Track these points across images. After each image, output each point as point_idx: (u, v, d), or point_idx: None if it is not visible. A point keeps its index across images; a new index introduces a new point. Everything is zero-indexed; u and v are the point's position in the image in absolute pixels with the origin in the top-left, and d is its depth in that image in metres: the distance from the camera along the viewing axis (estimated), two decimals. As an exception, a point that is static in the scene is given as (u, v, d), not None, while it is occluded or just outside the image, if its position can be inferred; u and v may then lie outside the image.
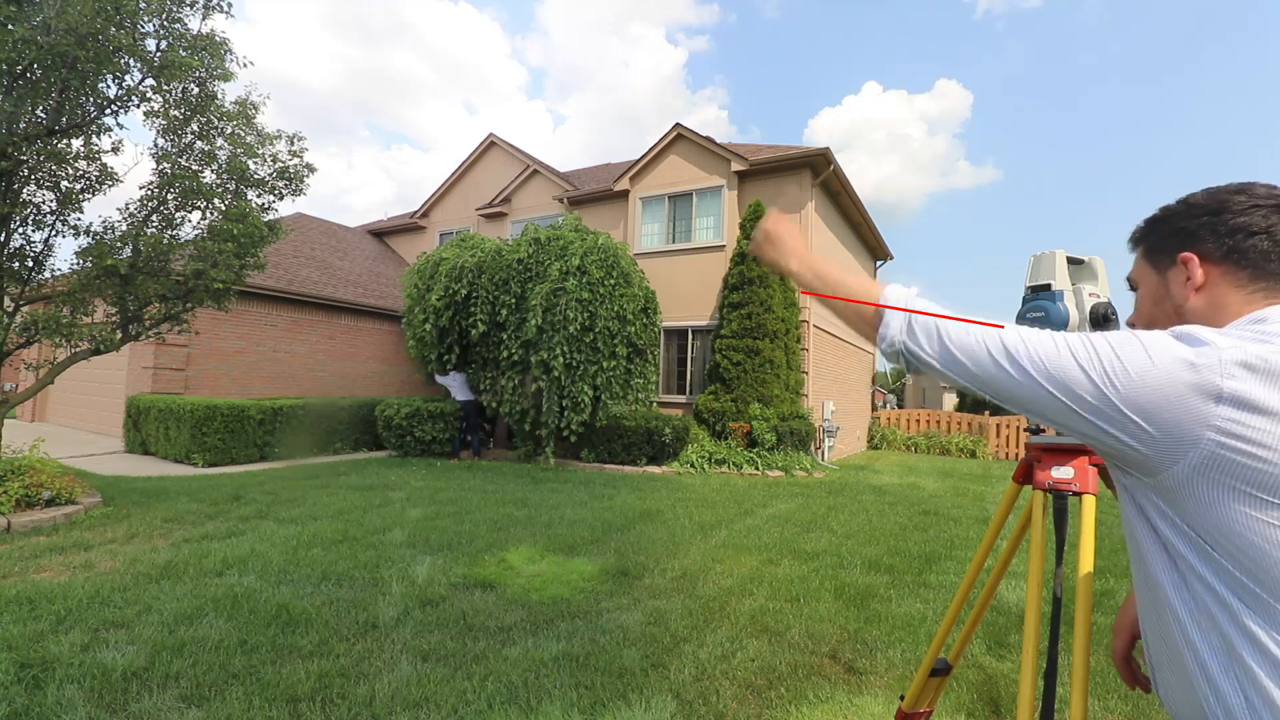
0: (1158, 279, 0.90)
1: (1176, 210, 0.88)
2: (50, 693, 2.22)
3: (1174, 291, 0.86)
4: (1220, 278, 0.82)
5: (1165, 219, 0.89)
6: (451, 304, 8.99)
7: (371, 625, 2.97)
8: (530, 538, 4.70)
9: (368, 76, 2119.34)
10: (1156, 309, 0.90)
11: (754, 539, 4.96)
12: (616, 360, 8.75)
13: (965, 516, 6.37)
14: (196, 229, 6.18)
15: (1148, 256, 0.93)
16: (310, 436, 9.25)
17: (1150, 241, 0.92)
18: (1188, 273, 0.84)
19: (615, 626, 3.05)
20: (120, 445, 9.26)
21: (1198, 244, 0.84)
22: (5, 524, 4.40)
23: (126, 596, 3.19)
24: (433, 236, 16.38)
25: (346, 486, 6.63)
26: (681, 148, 12.04)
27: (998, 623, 3.30)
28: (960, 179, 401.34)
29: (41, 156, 5.00)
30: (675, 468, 8.79)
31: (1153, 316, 0.91)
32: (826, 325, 12.02)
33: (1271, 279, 0.79)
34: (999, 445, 14.56)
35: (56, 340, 5.36)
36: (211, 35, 5.49)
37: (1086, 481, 1.38)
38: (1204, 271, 0.83)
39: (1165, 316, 0.88)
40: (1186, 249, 0.85)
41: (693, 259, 11.66)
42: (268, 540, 4.35)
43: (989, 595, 1.73)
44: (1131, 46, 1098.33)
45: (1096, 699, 2.53)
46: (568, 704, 2.32)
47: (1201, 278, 0.83)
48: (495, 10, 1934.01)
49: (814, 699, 2.44)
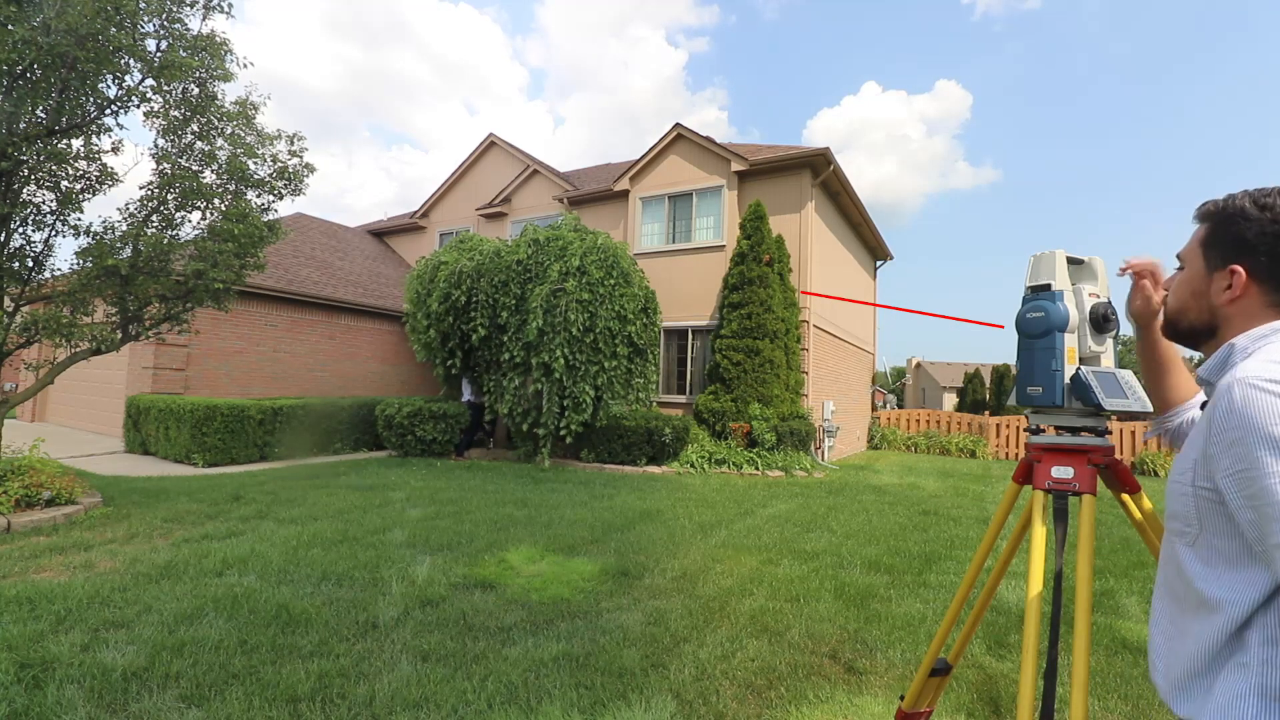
0: (1204, 274, 0.97)
1: (1251, 216, 0.91)
2: (50, 693, 2.22)
3: (1214, 293, 0.95)
4: (1257, 293, 0.90)
5: (1235, 221, 0.93)
6: (451, 309, 9.00)
7: (371, 625, 2.97)
8: (530, 538, 4.70)
9: (368, 77, 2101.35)
10: (1193, 300, 0.99)
11: (754, 539, 4.96)
12: (618, 360, 8.76)
13: (965, 516, 6.37)
14: (196, 229, 6.18)
15: (1204, 246, 0.98)
16: (310, 436, 9.25)
17: (1214, 233, 0.97)
18: (1230, 282, 0.92)
19: (615, 626, 3.05)
20: (120, 445, 9.26)
21: (1251, 259, 0.90)
22: (5, 524, 4.40)
23: (126, 596, 3.19)
24: (433, 236, 16.38)
25: (346, 486, 6.63)
26: (681, 148, 12.05)
27: (998, 623, 3.30)
28: (959, 179, 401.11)
29: (41, 157, 5.00)
30: (675, 468, 8.79)
31: (1186, 305, 1.00)
32: (826, 325, 12.02)
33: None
34: (999, 445, 14.55)
35: (56, 340, 5.36)
36: (211, 35, 5.49)
37: (1086, 481, 1.38)
38: (1245, 286, 0.90)
39: (1198, 310, 0.98)
40: (1241, 261, 0.91)
41: (693, 259, 11.66)
42: (268, 540, 4.35)
43: (989, 595, 1.73)
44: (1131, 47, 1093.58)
45: (1096, 699, 2.53)
46: (568, 704, 2.32)
47: (1241, 291, 0.91)
48: (495, 11, 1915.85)
49: (814, 699, 2.44)
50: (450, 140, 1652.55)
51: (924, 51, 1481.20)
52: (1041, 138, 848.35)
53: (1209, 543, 0.85)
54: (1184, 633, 0.89)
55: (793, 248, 10.94)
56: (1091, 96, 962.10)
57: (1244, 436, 0.77)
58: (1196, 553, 0.87)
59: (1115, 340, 1.50)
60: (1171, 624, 0.93)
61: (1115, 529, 5.64)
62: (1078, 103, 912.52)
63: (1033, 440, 1.47)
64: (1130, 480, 1.44)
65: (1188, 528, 0.89)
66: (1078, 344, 1.42)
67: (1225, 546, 0.83)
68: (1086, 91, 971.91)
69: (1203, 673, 0.84)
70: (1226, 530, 0.83)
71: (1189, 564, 0.88)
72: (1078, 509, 1.38)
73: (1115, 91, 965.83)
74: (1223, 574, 0.83)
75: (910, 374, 50.07)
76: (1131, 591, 3.94)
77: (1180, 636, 0.90)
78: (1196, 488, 0.86)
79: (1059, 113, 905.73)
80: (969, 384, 27.56)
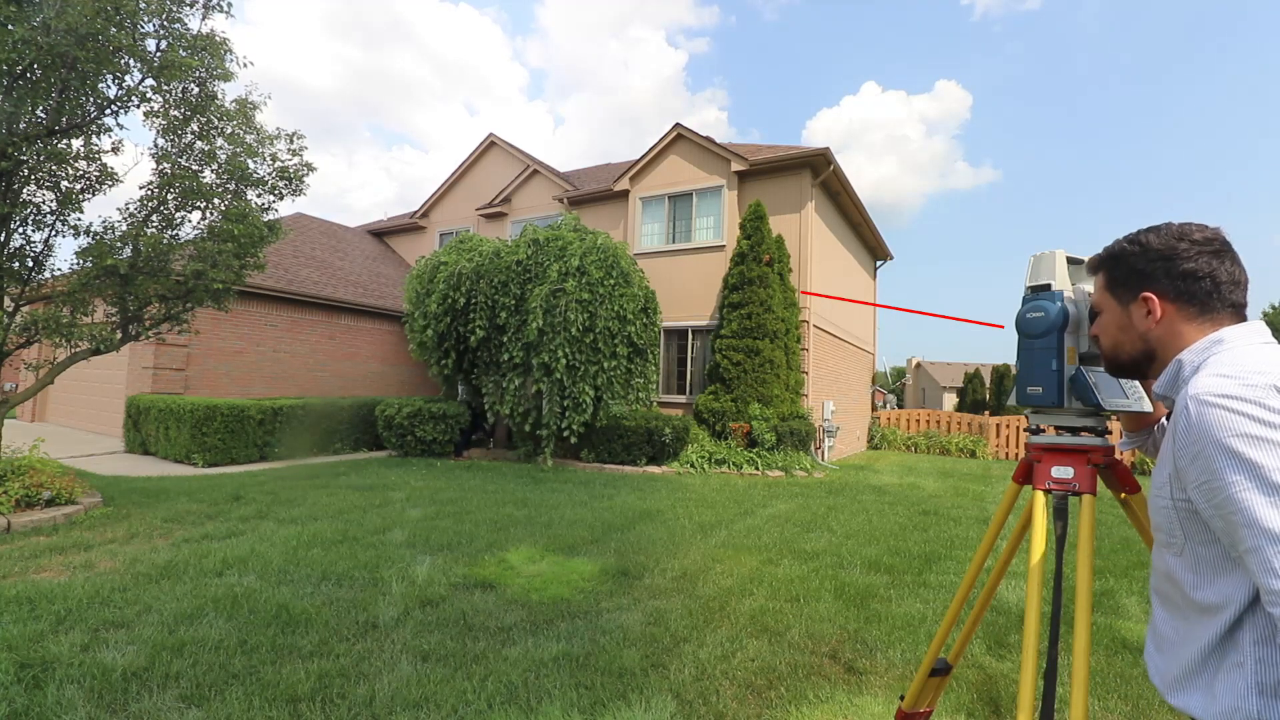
0: (1121, 310, 1.07)
1: (1133, 252, 1.04)
2: (50, 693, 2.22)
3: (1137, 322, 1.04)
4: (1175, 312, 0.99)
5: (1124, 258, 1.06)
6: (450, 310, 9.00)
7: (371, 625, 2.97)
8: (530, 538, 4.70)
9: (369, 77, 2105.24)
10: (1122, 335, 1.08)
11: (754, 539, 4.96)
12: (617, 360, 8.76)
13: (965, 516, 6.37)
14: (196, 229, 6.17)
15: (1109, 289, 1.09)
16: (310, 436, 9.25)
17: (1111, 276, 1.09)
18: (1149, 308, 1.01)
19: (615, 626, 3.05)
20: (120, 445, 9.26)
21: (1154, 284, 1.01)
22: (5, 524, 4.40)
23: (126, 596, 3.19)
24: (433, 236, 16.38)
25: (346, 486, 6.63)
26: (681, 148, 12.05)
27: (998, 623, 3.30)
28: (959, 179, 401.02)
29: (41, 156, 5.00)
30: (675, 468, 8.79)
31: (1118, 340, 1.09)
32: (826, 325, 12.02)
33: (1214, 312, 0.97)
34: (999, 445, 14.55)
35: (56, 340, 5.36)
36: (211, 35, 5.49)
37: (1086, 481, 1.38)
38: (1162, 307, 1.00)
39: (1130, 342, 1.07)
40: (1146, 289, 1.02)
41: (693, 259, 11.66)
42: (268, 540, 4.35)
43: (989, 595, 1.73)
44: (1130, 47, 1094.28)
45: (1096, 699, 2.53)
46: (568, 704, 2.32)
47: (1160, 313, 1.00)
48: (495, 12, 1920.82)
49: (814, 699, 2.44)
50: (450, 140, 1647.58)
51: (923, 52, 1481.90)
52: (1040, 138, 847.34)
53: (1194, 551, 0.90)
54: (1178, 635, 0.93)
55: (793, 248, 10.94)
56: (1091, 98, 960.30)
57: (1203, 450, 0.82)
58: (1183, 561, 0.92)
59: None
60: (1165, 626, 0.97)
61: (1115, 529, 5.64)
62: (1077, 103, 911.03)
63: (1033, 440, 1.47)
64: (1130, 480, 1.44)
65: (1172, 539, 0.93)
66: (1078, 344, 1.42)
67: (1209, 553, 0.87)
68: (1086, 92, 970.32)
69: (1199, 671, 0.88)
70: (1208, 538, 0.87)
71: (1178, 572, 0.93)
72: (1078, 509, 1.38)
73: (1115, 92, 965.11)
74: (1211, 579, 0.87)
75: (910, 374, 50.10)
76: (1131, 591, 3.94)
77: (1175, 639, 0.94)
78: (1175, 500, 0.90)
79: (1058, 114, 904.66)
80: (969, 384, 27.57)
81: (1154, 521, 0.97)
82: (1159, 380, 1.01)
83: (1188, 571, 0.90)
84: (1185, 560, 0.91)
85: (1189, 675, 0.90)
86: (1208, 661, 0.87)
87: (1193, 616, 0.90)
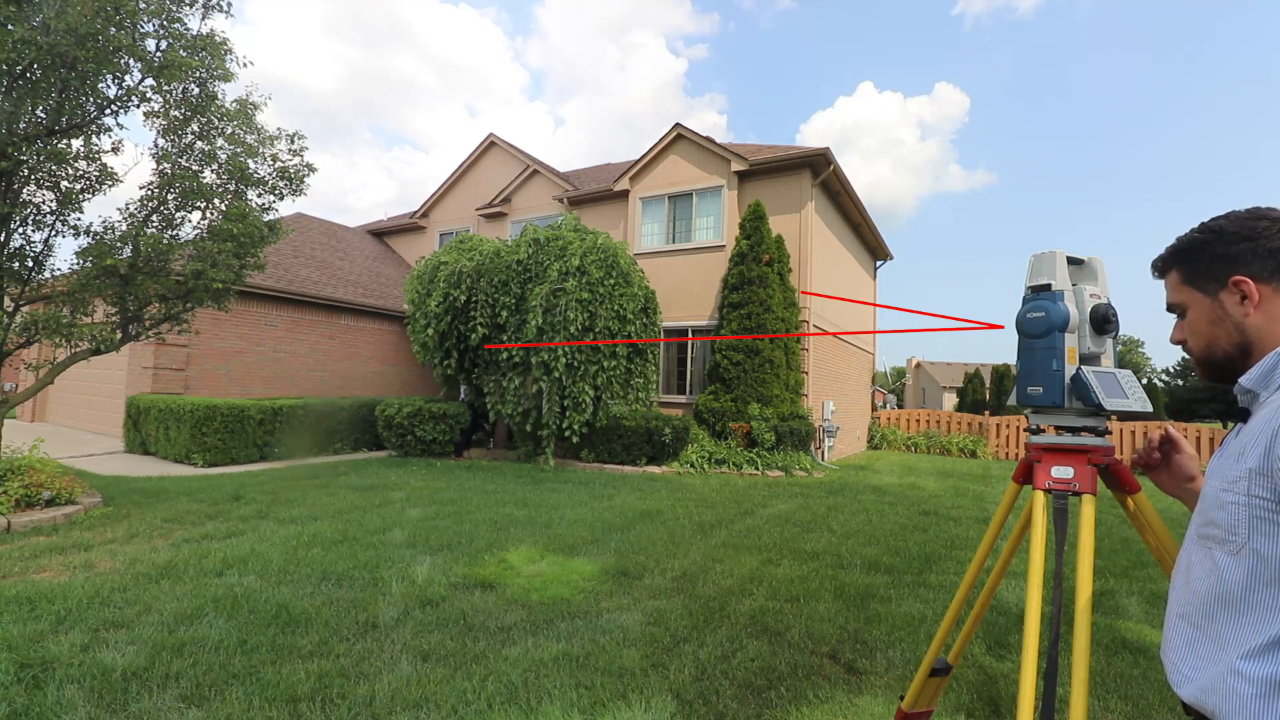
0: (1211, 302, 0.98)
1: (1210, 240, 0.97)
2: (50, 693, 2.22)
3: (1231, 311, 0.96)
4: (1272, 294, 0.92)
5: (1201, 247, 0.98)
6: (450, 309, 9.00)
7: (371, 625, 2.97)
8: (530, 538, 4.70)
9: (369, 78, 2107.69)
10: (1216, 328, 0.98)
11: (754, 539, 4.96)
12: (617, 360, 8.76)
13: (965, 516, 6.37)
14: (196, 229, 6.17)
15: (1190, 282, 1.01)
16: (310, 436, 9.25)
17: (1191, 268, 1.01)
18: (1243, 293, 0.93)
19: (615, 626, 3.05)
20: (120, 445, 9.26)
21: (1245, 267, 0.93)
22: (5, 524, 4.40)
23: (126, 596, 3.19)
24: (433, 236, 16.38)
25: (346, 486, 6.63)
26: (681, 148, 12.04)
27: (998, 623, 3.30)
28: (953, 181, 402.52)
29: (41, 157, 5.00)
30: (675, 468, 8.79)
31: (1213, 335, 0.99)
32: (827, 325, 12.01)
33: None
34: (999, 445, 14.55)
35: (56, 340, 5.36)
36: (211, 35, 5.49)
37: (1086, 481, 1.38)
38: (1258, 290, 0.92)
39: (1226, 334, 0.97)
40: (1236, 273, 0.94)
41: (693, 259, 11.66)
42: (268, 540, 4.35)
43: (989, 595, 1.73)
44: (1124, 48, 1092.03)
45: (1096, 699, 2.53)
46: (568, 704, 2.32)
47: (1258, 296, 0.92)
48: (496, 13, 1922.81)
49: (814, 699, 2.44)
50: (451, 141, 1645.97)
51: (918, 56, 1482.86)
52: (1037, 140, 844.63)
53: (1255, 549, 0.85)
54: (1214, 638, 0.88)
55: (793, 248, 10.94)
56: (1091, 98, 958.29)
57: None
58: (1238, 560, 0.87)
59: (1115, 341, 1.50)
60: (1195, 629, 0.92)
61: (1115, 529, 5.64)
62: (1076, 104, 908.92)
63: (1033, 440, 1.47)
64: (1130, 480, 1.43)
65: (1232, 536, 0.88)
66: (1078, 344, 1.42)
67: (1272, 553, 0.83)
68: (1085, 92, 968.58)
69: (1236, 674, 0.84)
70: (1276, 537, 0.83)
71: (1229, 570, 0.88)
72: (1078, 509, 1.38)
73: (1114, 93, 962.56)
74: (1269, 582, 0.83)
75: (910, 374, 50.10)
76: (1131, 591, 3.94)
77: (1209, 642, 0.89)
78: (1252, 497, 0.85)
79: (1055, 115, 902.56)
80: (969, 384, 27.57)
81: (1208, 517, 0.92)
82: (1249, 374, 0.93)
83: (1241, 569, 0.86)
84: (1241, 558, 0.86)
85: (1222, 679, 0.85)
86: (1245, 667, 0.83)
87: (1225, 616, 0.87)
